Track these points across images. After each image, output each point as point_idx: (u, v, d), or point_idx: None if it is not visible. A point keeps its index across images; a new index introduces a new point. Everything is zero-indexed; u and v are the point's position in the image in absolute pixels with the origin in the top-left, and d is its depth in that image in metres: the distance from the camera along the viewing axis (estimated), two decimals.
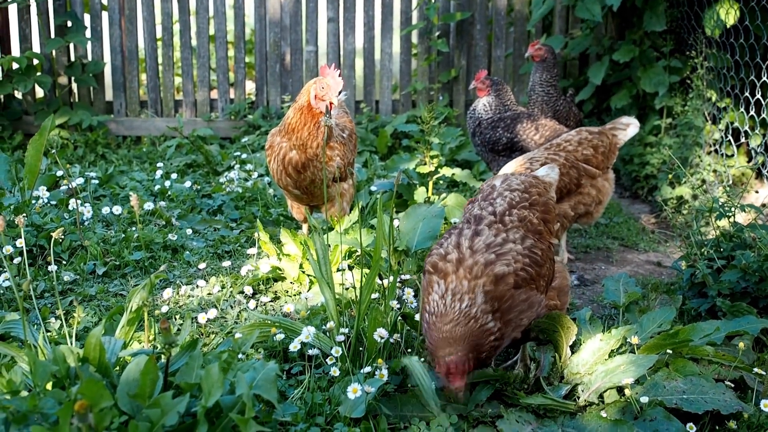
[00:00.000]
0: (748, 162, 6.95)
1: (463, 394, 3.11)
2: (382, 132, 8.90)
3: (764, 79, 6.22)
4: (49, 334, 3.79)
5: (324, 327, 3.72)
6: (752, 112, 6.45)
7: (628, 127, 5.46)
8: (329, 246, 4.72)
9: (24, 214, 4.01)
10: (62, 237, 5.10)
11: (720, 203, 4.75)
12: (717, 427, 3.30)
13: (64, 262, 5.02)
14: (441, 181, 7.16)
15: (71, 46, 9.58)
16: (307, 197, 5.19)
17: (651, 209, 7.41)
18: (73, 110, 9.43)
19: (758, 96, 6.31)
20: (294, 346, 3.52)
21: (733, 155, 6.93)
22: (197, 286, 4.65)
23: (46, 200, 5.86)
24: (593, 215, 5.33)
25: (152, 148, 9.27)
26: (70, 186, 5.70)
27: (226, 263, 4.98)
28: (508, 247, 3.18)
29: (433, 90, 9.90)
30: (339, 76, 4.93)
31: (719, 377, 3.53)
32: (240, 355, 3.44)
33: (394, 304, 3.71)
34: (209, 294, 4.58)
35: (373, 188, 6.58)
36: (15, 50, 9.72)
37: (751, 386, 3.53)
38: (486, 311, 3.01)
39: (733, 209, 4.68)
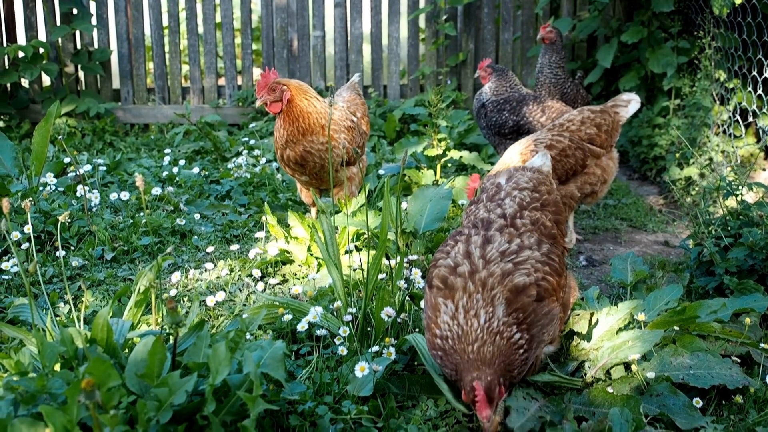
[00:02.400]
0: (757, 142, 6.91)
1: (493, 424, 2.73)
2: (390, 117, 8.89)
3: None
4: (57, 318, 3.82)
5: (331, 307, 3.74)
6: (760, 91, 6.41)
7: (629, 104, 5.39)
8: (337, 228, 4.73)
9: (30, 199, 4.03)
10: (68, 220, 5.12)
11: (728, 182, 4.74)
12: (723, 402, 3.30)
13: (72, 248, 5.04)
14: (449, 165, 7.15)
15: (77, 33, 9.60)
16: (316, 181, 5.20)
17: (660, 190, 7.38)
18: (80, 98, 9.45)
19: (766, 75, 6.27)
20: (302, 327, 3.53)
21: (741, 136, 6.89)
22: (206, 270, 4.67)
23: (53, 187, 5.88)
24: (598, 194, 5.29)
25: (160, 136, 9.29)
26: (78, 173, 5.72)
27: (234, 247, 5.00)
28: (525, 255, 2.93)
29: (441, 74, 9.88)
30: (273, 73, 4.94)
31: (726, 353, 3.53)
32: (248, 336, 3.46)
33: (402, 284, 3.71)
34: (218, 277, 4.60)
35: (381, 172, 6.58)
36: (21, 39, 9.73)
37: (757, 361, 3.53)
38: (509, 323, 2.77)
39: (740, 188, 4.66)
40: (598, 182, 5.21)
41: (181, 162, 7.24)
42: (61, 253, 4.35)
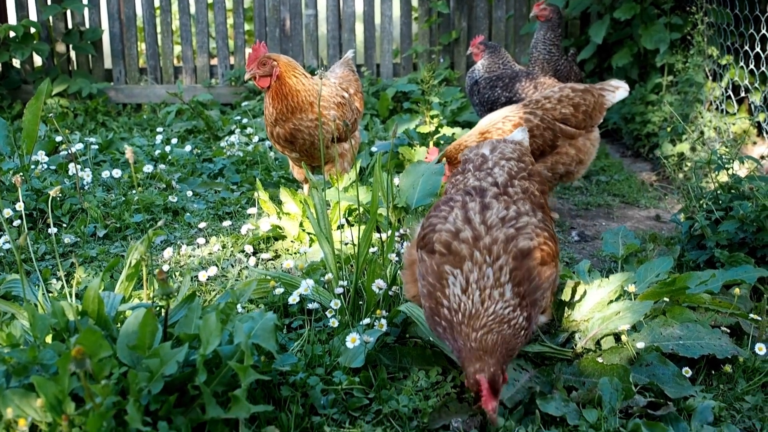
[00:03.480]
0: (750, 119, 6.92)
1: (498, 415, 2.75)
2: (383, 95, 8.87)
3: (764, 32, 6.18)
4: (50, 294, 3.82)
5: (323, 280, 3.74)
6: (752, 66, 6.40)
7: (617, 90, 5.31)
8: (329, 204, 4.73)
9: (21, 175, 4.02)
10: (60, 196, 5.12)
11: (719, 156, 4.74)
12: (713, 372, 3.33)
13: (65, 226, 5.04)
14: (442, 141, 7.14)
15: (68, 13, 9.55)
16: (307, 158, 5.20)
17: (652, 167, 7.39)
18: (72, 78, 9.42)
19: (758, 50, 6.27)
20: (293, 299, 3.54)
21: (734, 112, 6.91)
22: (198, 246, 4.68)
23: (45, 165, 5.87)
24: (574, 174, 5.22)
25: (152, 116, 9.27)
26: (70, 151, 5.71)
27: (227, 223, 5.00)
28: (524, 220, 2.89)
29: (434, 53, 9.86)
30: (263, 47, 4.93)
31: (715, 324, 3.55)
32: (239, 309, 3.47)
33: (393, 257, 3.72)
34: (210, 253, 4.60)
35: (373, 149, 6.58)
36: (12, 18, 9.68)
37: (746, 332, 3.55)
38: (516, 306, 2.73)
39: (731, 161, 4.67)
40: (573, 162, 5.13)
41: (174, 141, 7.22)
42: (53, 230, 4.35)
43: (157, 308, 3.22)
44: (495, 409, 2.64)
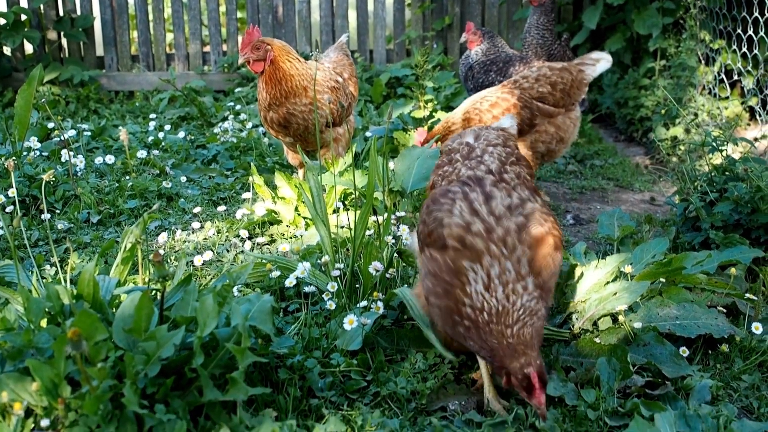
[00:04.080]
0: (742, 103, 6.92)
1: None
2: (377, 81, 8.84)
3: (756, 15, 6.17)
4: (44, 280, 3.80)
5: (319, 262, 3.73)
6: (744, 49, 6.39)
7: (598, 63, 5.28)
8: (324, 188, 4.72)
9: (14, 159, 3.99)
10: (53, 179, 5.09)
11: (713, 138, 4.74)
12: (710, 351, 3.33)
13: (58, 212, 5.02)
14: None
15: (59, 0, 9.47)
16: (302, 143, 5.18)
17: (646, 151, 7.39)
18: (64, 66, 9.36)
19: (750, 32, 6.26)
20: (290, 283, 3.53)
21: (727, 97, 6.91)
22: (193, 231, 4.66)
23: (37, 152, 5.82)
24: (556, 153, 5.22)
25: (145, 103, 9.21)
26: (62, 137, 5.67)
27: (221, 208, 4.98)
28: (529, 207, 2.83)
29: (427, 38, 9.82)
30: (256, 31, 4.93)
31: (712, 304, 3.56)
32: (236, 293, 3.46)
33: (390, 239, 3.71)
34: (205, 239, 4.58)
35: (367, 134, 6.56)
36: (2, 5, 9.61)
37: (743, 312, 3.56)
38: (538, 297, 2.69)
39: (725, 143, 4.67)
40: (553, 140, 5.13)
41: (167, 127, 7.20)
42: (46, 216, 4.32)
43: (153, 292, 3.20)
44: (544, 403, 2.58)
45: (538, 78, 5.13)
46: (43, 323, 2.82)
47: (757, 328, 3.31)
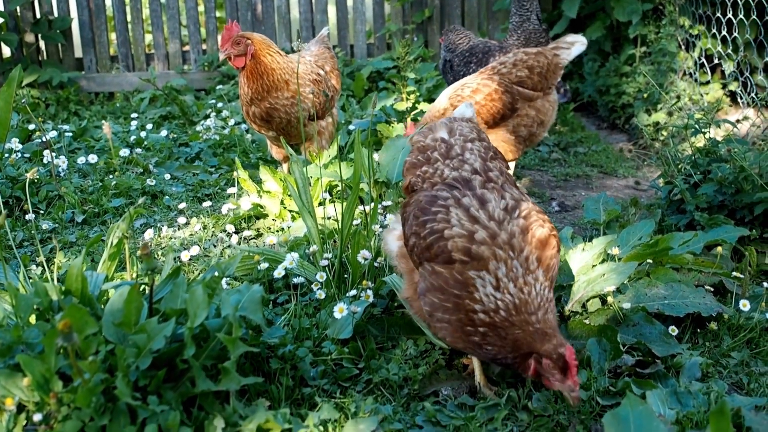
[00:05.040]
0: (723, 88, 6.97)
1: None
2: (359, 75, 8.84)
3: None
4: (30, 280, 3.77)
5: (307, 252, 3.73)
6: (725, 32, 6.43)
7: (573, 46, 5.28)
8: (309, 180, 4.71)
9: None
10: (36, 177, 5.05)
11: (696, 120, 4.76)
12: (698, 330, 3.36)
13: (42, 212, 4.98)
14: (419, 118, 7.12)
15: (36, 2, 9.41)
16: (285, 137, 5.16)
17: (629, 138, 7.43)
18: (42, 68, 9.29)
19: (730, 15, 6.29)
20: (278, 273, 3.52)
21: (708, 82, 6.95)
22: (179, 228, 4.64)
23: (19, 154, 5.78)
24: (537, 136, 5.24)
25: (126, 104, 9.16)
26: (44, 138, 5.63)
27: (207, 204, 4.96)
28: (525, 207, 2.78)
29: (407, 31, 9.82)
30: (236, 26, 4.90)
31: (699, 283, 3.58)
32: (225, 286, 3.44)
33: (377, 228, 3.71)
34: (191, 234, 4.57)
35: (351, 127, 6.55)
36: None
37: (730, 290, 3.59)
38: (549, 287, 2.67)
39: (708, 125, 4.70)
40: (534, 124, 5.15)
41: (149, 126, 7.15)
42: (31, 216, 4.29)
43: (142, 286, 3.18)
44: (578, 384, 2.55)
45: (516, 63, 5.14)
46: (32, 320, 2.80)
47: (744, 305, 3.33)
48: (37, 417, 2.40)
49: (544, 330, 2.57)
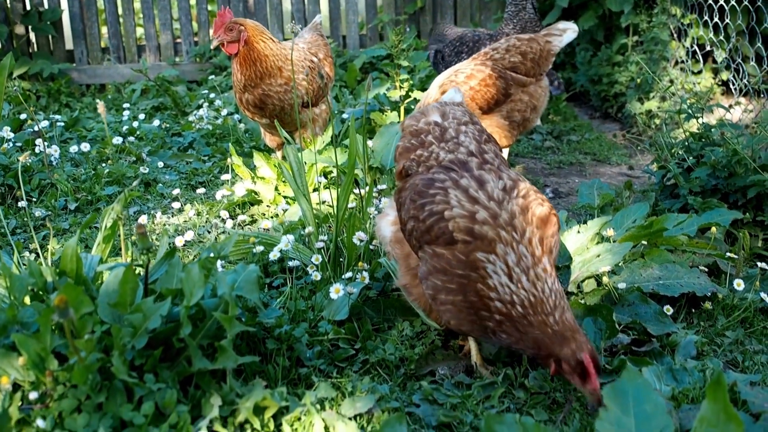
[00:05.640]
0: (714, 78, 6.98)
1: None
2: (351, 66, 8.82)
3: None
4: (24, 266, 3.75)
5: (303, 233, 3.72)
6: (716, 19, 6.44)
7: (564, 33, 5.26)
8: (305, 164, 4.71)
9: None
10: (28, 162, 5.03)
11: (689, 105, 4.77)
12: (693, 310, 3.37)
13: (35, 200, 4.96)
14: (413, 107, 7.12)
15: None
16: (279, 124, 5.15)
17: (621, 126, 7.44)
18: (33, 60, 9.24)
19: (722, 2, 6.30)
20: (274, 256, 3.51)
21: (700, 71, 6.96)
22: (173, 214, 4.63)
23: (11, 143, 5.75)
24: (530, 122, 5.24)
25: (117, 95, 9.12)
26: (36, 128, 5.61)
27: (201, 191, 4.95)
28: (523, 187, 2.77)
29: (399, 22, 9.81)
30: (228, 12, 4.93)
31: (693, 264, 3.60)
32: (219, 269, 3.44)
33: (372, 210, 3.71)
34: (185, 221, 4.56)
35: (344, 116, 6.54)
36: None
37: (724, 271, 3.60)
38: (555, 276, 2.64)
39: (701, 110, 4.70)
40: (528, 109, 5.15)
41: (141, 117, 7.13)
42: (23, 203, 4.28)
43: (137, 268, 3.17)
44: (599, 389, 2.47)
45: (509, 48, 5.14)
46: (27, 300, 2.79)
47: (739, 284, 3.34)
48: (33, 395, 2.40)
49: (563, 333, 2.53)
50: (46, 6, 9.44)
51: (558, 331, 2.53)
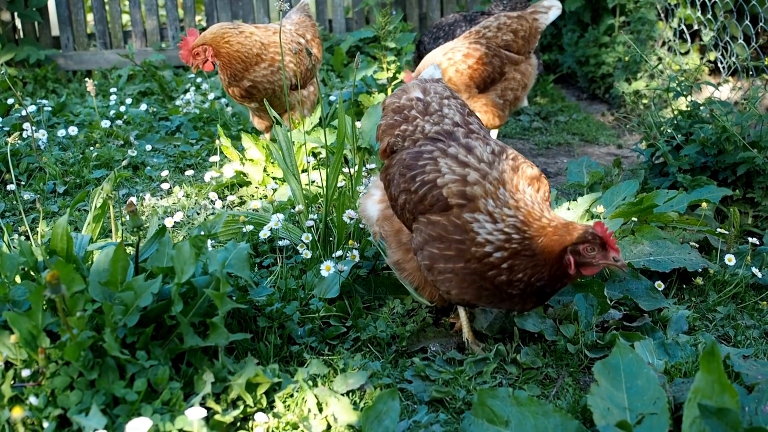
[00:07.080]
0: (702, 57, 6.99)
1: None
2: (338, 50, 8.78)
3: None
4: (15, 248, 3.73)
5: (293, 211, 3.71)
6: None
7: (550, 10, 5.29)
8: (294, 143, 4.70)
9: None
10: (17, 144, 5.00)
11: (678, 82, 4.77)
12: (684, 286, 3.38)
13: (23, 184, 4.93)
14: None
15: None
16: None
17: (609, 107, 7.45)
18: (19, 47, 9.16)
19: None
20: (264, 234, 3.51)
21: (687, 51, 6.97)
22: (162, 196, 4.61)
23: None
24: (520, 100, 5.26)
25: (104, 81, 9.04)
26: (23, 113, 5.56)
27: (189, 173, 4.93)
28: (511, 152, 2.80)
29: (386, 5, 9.74)
30: (191, 35, 4.90)
31: (684, 240, 3.60)
32: (209, 248, 3.42)
33: (362, 189, 3.70)
34: (174, 203, 4.54)
35: (332, 98, 6.52)
36: None
37: (715, 247, 3.61)
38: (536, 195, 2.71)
39: (690, 87, 4.71)
40: (519, 87, 5.17)
41: (128, 101, 7.08)
42: (12, 186, 4.25)
43: (127, 247, 3.16)
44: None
45: (500, 27, 5.14)
46: (18, 279, 2.77)
47: (730, 260, 3.36)
48: (25, 373, 2.39)
49: (562, 223, 2.58)
50: None
51: (558, 224, 2.57)
